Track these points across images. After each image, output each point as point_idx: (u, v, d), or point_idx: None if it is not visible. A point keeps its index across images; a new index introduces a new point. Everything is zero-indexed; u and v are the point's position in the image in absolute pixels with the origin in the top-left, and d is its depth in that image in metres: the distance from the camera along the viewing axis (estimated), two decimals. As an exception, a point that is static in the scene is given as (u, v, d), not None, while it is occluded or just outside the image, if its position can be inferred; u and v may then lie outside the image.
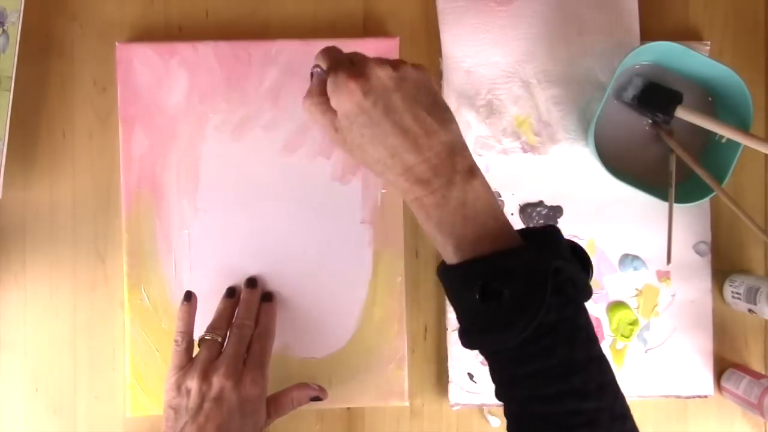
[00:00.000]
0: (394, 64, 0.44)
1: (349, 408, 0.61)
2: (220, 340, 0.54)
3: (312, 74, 0.47)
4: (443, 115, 0.44)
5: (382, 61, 0.43)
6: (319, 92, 0.45)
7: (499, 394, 0.43)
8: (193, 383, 0.51)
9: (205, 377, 0.51)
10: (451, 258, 0.42)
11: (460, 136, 0.44)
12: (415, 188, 0.42)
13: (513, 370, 0.41)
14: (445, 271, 0.43)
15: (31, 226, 0.61)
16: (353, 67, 0.43)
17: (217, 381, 0.50)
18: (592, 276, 0.44)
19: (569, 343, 0.40)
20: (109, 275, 0.61)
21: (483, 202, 0.42)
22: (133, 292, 0.59)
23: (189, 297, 0.56)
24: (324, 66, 0.45)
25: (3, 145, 0.57)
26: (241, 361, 0.52)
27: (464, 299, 0.42)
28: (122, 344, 0.60)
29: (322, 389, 0.57)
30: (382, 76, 0.43)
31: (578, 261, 0.43)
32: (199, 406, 0.50)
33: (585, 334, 0.41)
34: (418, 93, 0.43)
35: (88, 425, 0.60)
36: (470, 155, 0.44)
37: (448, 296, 0.44)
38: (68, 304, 0.61)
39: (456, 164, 0.42)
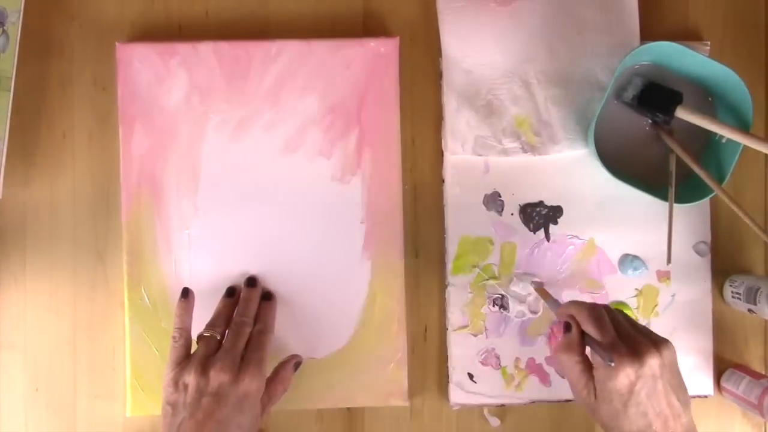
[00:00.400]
0: (658, 346, 0.48)
1: (349, 408, 0.61)
2: (218, 337, 0.54)
3: (567, 325, 0.51)
4: (686, 398, 0.49)
5: (649, 343, 0.48)
6: (579, 351, 0.50)
7: None
8: (190, 378, 0.51)
9: (203, 372, 0.51)
10: None
11: (692, 418, 0.49)
12: None
13: None
14: None
15: (31, 225, 0.61)
16: (627, 347, 0.48)
17: (214, 376, 0.50)
18: None
19: None
20: (109, 275, 0.61)
21: None
22: (133, 291, 0.59)
23: (186, 293, 0.56)
24: (599, 338, 0.49)
25: (3, 145, 0.57)
26: (238, 356, 0.52)
27: None
28: (122, 344, 0.60)
29: (295, 355, 0.58)
30: (654, 364, 0.47)
31: None
32: (197, 402, 0.50)
33: None
34: (672, 377, 0.48)
35: (88, 425, 0.60)
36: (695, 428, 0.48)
37: None
38: (68, 303, 0.61)
39: None
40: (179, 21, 0.62)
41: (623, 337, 0.49)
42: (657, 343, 0.49)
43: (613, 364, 0.47)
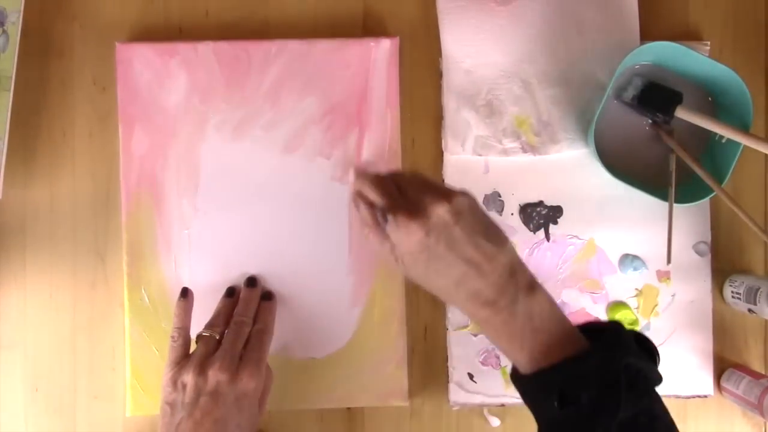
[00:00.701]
0: (447, 197, 0.45)
1: (349, 408, 0.61)
2: (217, 337, 0.54)
3: (354, 202, 0.49)
4: (499, 236, 0.45)
5: (434, 194, 0.45)
6: (375, 222, 0.47)
7: None
8: (188, 378, 0.51)
9: (201, 372, 0.51)
10: (524, 368, 0.44)
11: (515, 252, 0.46)
12: (483, 310, 0.44)
13: None
14: (520, 381, 0.45)
15: (31, 225, 0.61)
16: (409, 204, 0.45)
17: (212, 375, 0.50)
18: (659, 361, 0.46)
19: None
20: (109, 275, 0.61)
21: (548, 312, 0.44)
22: (133, 291, 0.59)
23: (185, 293, 0.56)
24: (378, 202, 0.47)
25: (3, 145, 0.57)
26: (237, 356, 0.52)
27: (542, 407, 0.44)
28: (122, 344, 0.60)
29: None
30: (441, 213, 0.44)
31: (643, 349, 0.44)
32: (195, 401, 0.50)
33: (662, 424, 0.43)
34: (473, 221, 0.45)
35: (88, 425, 0.60)
36: (528, 269, 0.45)
37: (523, 400, 0.46)
38: (68, 303, 0.61)
39: (518, 281, 0.44)
40: (179, 21, 0.62)
41: (409, 194, 0.46)
42: (446, 194, 0.45)
43: (387, 222, 0.45)
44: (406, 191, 0.47)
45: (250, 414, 0.51)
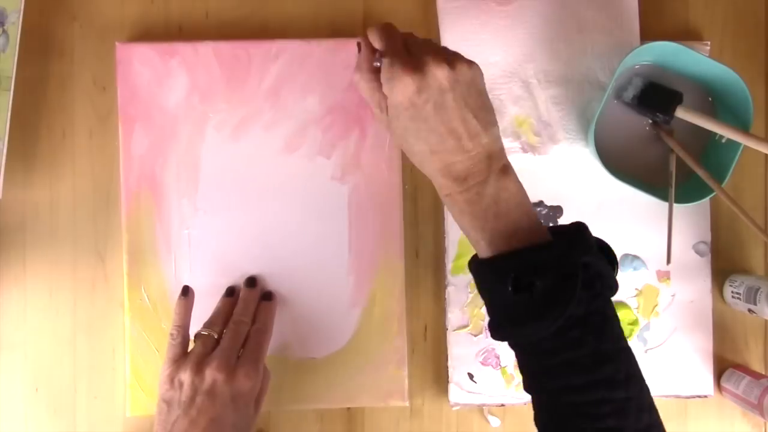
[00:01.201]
0: (451, 61, 0.43)
1: (349, 408, 0.61)
2: (216, 336, 0.54)
3: (359, 45, 0.47)
4: (487, 118, 0.45)
5: (438, 57, 0.43)
6: (369, 68, 0.46)
7: (528, 386, 0.44)
8: (185, 376, 0.51)
9: (198, 370, 0.50)
10: (483, 252, 0.44)
11: (499, 138, 0.45)
12: (450, 184, 0.44)
13: (543, 362, 0.42)
14: (477, 265, 0.45)
15: (31, 225, 0.61)
16: (410, 57, 0.44)
17: (209, 374, 0.50)
18: (617, 272, 0.45)
19: (598, 335, 0.41)
20: (109, 275, 0.61)
21: (515, 199, 0.44)
22: (133, 292, 0.59)
23: (186, 291, 0.56)
24: (378, 46, 0.45)
25: (3, 145, 0.57)
26: (235, 355, 0.52)
27: (496, 292, 0.43)
28: (122, 344, 0.60)
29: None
30: (439, 75, 0.43)
31: (605, 257, 0.44)
32: (192, 399, 0.50)
33: (613, 327, 0.42)
34: (468, 95, 0.44)
35: (88, 425, 0.60)
36: (505, 156, 0.45)
37: (478, 289, 0.46)
38: (68, 303, 0.61)
39: (492, 164, 0.44)
40: (179, 21, 0.62)
41: (414, 51, 0.44)
42: (451, 58, 0.44)
43: (378, 64, 0.44)
44: (411, 48, 0.45)
45: (246, 414, 0.51)
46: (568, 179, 0.62)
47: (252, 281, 0.59)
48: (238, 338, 0.54)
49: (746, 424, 0.63)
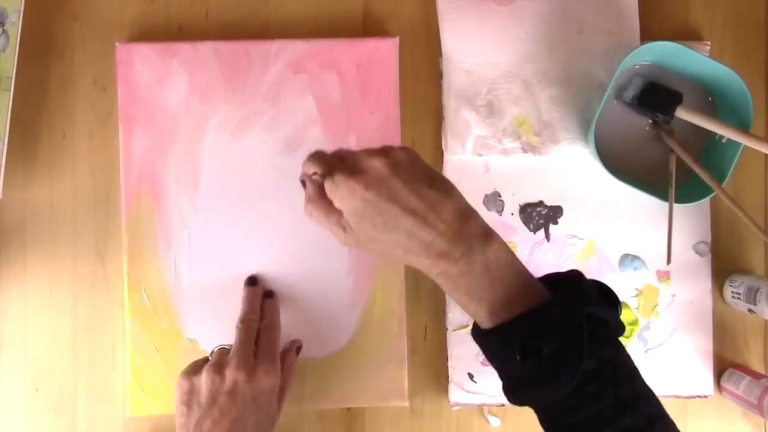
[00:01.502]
0: (383, 152, 0.44)
1: (349, 408, 0.61)
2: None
3: (302, 182, 0.48)
4: (443, 186, 0.44)
5: (370, 152, 0.44)
6: (319, 196, 0.46)
7: None
8: (205, 377, 0.50)
9: (218, 371, 0.50)
10: (485, 323, 0.43)
11: (465, 201, 0.45)
12: (439, 263, 0.43)
13: (566, 420, 0.42)
14: (481, 336, 0.44)
15: (31, 225, 0.61)
16: (348, 166, 0.44)
17: (230, 374, 0.50)
18: (621, 311, 0.45)
19: (615, 384, 0.41)
20: (109, 275, 0.61)
21: (505, 261, 0.43)
22: (133, 292, 0.59)
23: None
24: (318, 171, 0.46)
25: (3, 145, 0.57)
26: (251, 353, 0.52)
27: (505, 361, 0.43)
28: (122, 344, 0.60)
29: (295, 340, 0.58)
30: (377, 165, 0.43)
31: (604, 298, 0.44)
32: (213, 400, 0.49)
33: (627, 372, 0.42)
34: (413, 172, 0.44)
35: (88, 425, 0.60)
36: (480, 217, 0.44)
37: (486, 356, 0.46)
38: (68, 303, 0.61)
39: (471, 229, 0.43)
40: (179, 21, 0.62)
41: (347, 160, 0.45)
42: (383, 150, 0.44)
43: (321, 181, 0.44)
44: (345, 158, 0.46)
45: (269, 412, 0.51)
46: (568, 179, 0.62)
47: (253, 280, 0.59)
48: (251, 336, 0.54)
49: (746, 424, 0.63)
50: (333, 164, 0.45)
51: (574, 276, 0.45)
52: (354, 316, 0.60)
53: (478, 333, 0.45)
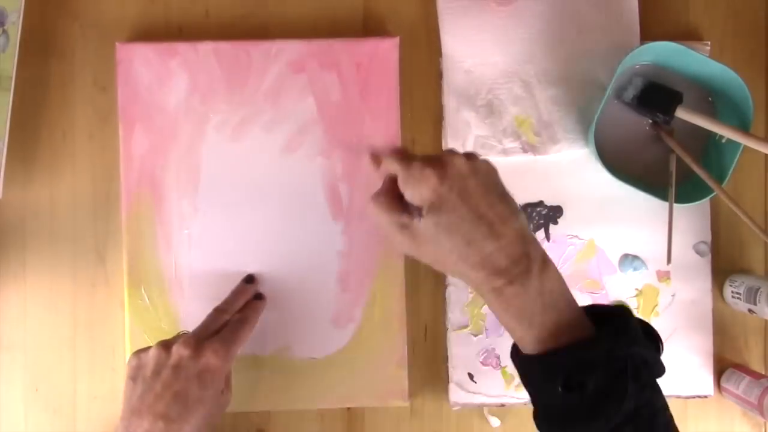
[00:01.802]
0: (467, 154, 0.45)
1: (349, 408, 0.61)
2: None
3: (372, 157, 0.48)
4: (512, 205, 0.44)
5: (454, 151, 0.45)
6: (388, 189, 0.46)
7: None
8: (153, 352, 0.51)
9: (165, 347, 0.51)
10: (530, 348, 0.43)
11: (528, 225, 0.45)
12: (494, 278, 0.42)
13: None
14: (524, 361, 0.44)
15: (31, 225, 0.61)
16: (426, 157, 0.45)
17: (175, 349, 0.50)
18: (662, 352, 0.45)
19: (650, 428, 0.41)
20: (109, 275, 0.61)
21: (558, 290, 0.43)
22: (133, 292, 0.59)
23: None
24: (397, 165, 0.45)
25: (3, 145, 0.57)
26: (204, 335, 0.52)
27: (545, 390, 0.43)
28: (122, 344, 0.60)
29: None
30: (457, 163, 0.43)
31: (647, 337, 0.43)
32: (157, 374, 0.50)
33: (664, 417, 0.42)
34: (489, 182, 0.44)
35: (88, 425, 0.60)
36: (540, 244, 0.44)
37: (522, 381, 0.45)
38: (68, 303, 0.61)
39: (530, 252, 0.42)
40: (179, 21, 0.62)
41: (427, 156, 0.45)
42: (468, 154, 0.45)
43: (397, 166, 0.44)
44: (428, 155, 0.46)
45: (214, 390, 0.51)
46: (568, 179, 0.62)
47: (250, 278, 0.59)
48: (216, 322, 0.54)
49: (746, 424, 0.63)
50: (414, 157, 0.45)
51: (622, 312, 0.44)
52: (354, 316, 0.60)
53: (519, 356, 0.44)
